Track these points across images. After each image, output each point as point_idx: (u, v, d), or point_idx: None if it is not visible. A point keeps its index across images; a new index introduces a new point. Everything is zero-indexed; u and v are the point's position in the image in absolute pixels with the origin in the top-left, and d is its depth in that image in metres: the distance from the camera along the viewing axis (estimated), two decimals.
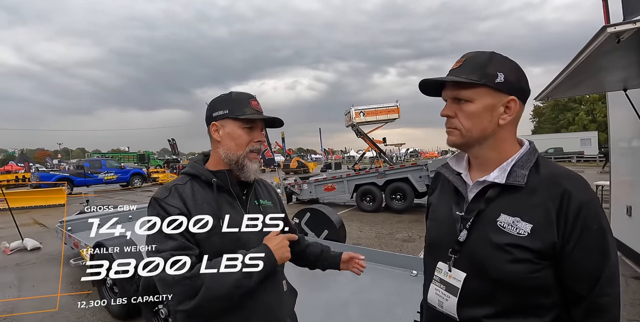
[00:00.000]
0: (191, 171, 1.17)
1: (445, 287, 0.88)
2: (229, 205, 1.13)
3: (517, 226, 0.78)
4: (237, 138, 1.14)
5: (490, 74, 0.81)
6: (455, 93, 0.85)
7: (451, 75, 0.85)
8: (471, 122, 0.84)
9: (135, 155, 37.71)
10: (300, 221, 4.48)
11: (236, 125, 1.14)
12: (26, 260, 5.54)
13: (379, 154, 14.80)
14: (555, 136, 36.20)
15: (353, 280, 3.16)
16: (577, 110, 41.88)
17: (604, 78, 3.53)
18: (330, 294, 2.77)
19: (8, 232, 7.03)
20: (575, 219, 0.74)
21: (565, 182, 0.78)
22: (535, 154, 0.85)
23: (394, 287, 2.81)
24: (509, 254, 0.77)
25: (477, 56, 0.84)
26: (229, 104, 1.15)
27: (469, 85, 0.82)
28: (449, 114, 0.88)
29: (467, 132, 0.85)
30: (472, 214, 0.85)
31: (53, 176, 16.05)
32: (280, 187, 11.68)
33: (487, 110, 0.82)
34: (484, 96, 0.82)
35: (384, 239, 6.20)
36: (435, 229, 0.98)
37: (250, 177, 1.17)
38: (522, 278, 0.76)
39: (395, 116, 14.17)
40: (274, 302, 1.15)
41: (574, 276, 0.77)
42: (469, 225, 0.85)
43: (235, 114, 1.13)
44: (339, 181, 9.81)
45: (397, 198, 8.74)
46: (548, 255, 0.76)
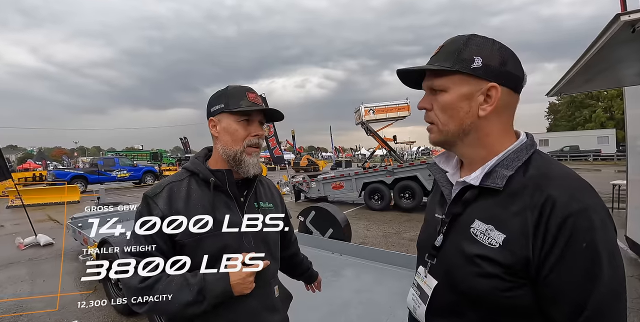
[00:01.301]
0: (190, 167, 1.13)
1: (420, 293, 0.82)
2: (226, 206, 1.08)
3: (490, 235, 0.68)
4: (234, 132, 1.09)
5: (465, 59, 0.71)
6: (430, 83, 0.77)
7: (429, 64, 0.77)
8: (446, 115, 0.75)
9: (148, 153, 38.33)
10: (305, 219, 4.46)
11: (232, 119, 1.09)
12: (39, 255, 5.68)
13: (389, 152, 14.67)
14: (571, 134, 35.36)
15: (356, 279, 3.13)
16: (594, 107, 40.84)
17: (621, 72, 3.37)
18: (332, 293, 2.74)
19: (23, 228, 7.23)
20: (558, 233, 0.61)
21: (552, 185, 0.65)
22: (528, 150, 0.73)
23: (398, 288, 2.77)
24: (478, 267, 0.68)
25: (454, 41, 0.75)
26: (225, 97, 1.10)
27: (443, 73, 0.73)
28: (425, 106, 0.79)
29: (444, 127, 0.76)
30: (449, 218, 0.78)
31: (68, 174, 16.40)
32: (289, 185, 11.70)
33: (463, 99, 0.72)
34: (459, 84, 0.72)
35: (391, 239, 6.13)
36: (423, 231, 0.92)
37: (249, 172, 1.11)
38: (492, 295, 0.66)
39: (406, 114, 14.02)
40: (264, 308, 1.11)
41: (553, 302, 0.63)
42: (445, 229, 0.78)
43: (230, 108, 1.08)
44: (347, 179, 9.76)
45: (406, 197, 8.66)
46: (520, 271, 0.64)
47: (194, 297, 0.93)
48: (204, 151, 1.21)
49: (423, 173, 8.40)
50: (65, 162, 30.90)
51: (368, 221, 7.71)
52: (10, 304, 3.70)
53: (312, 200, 10.49)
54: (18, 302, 3.72)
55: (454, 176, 0.84)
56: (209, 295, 0.95)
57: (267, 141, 11.13)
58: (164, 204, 1.02)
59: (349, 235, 4.38)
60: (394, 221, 7.60)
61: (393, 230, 6.79)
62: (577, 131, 37.59)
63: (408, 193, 8.62)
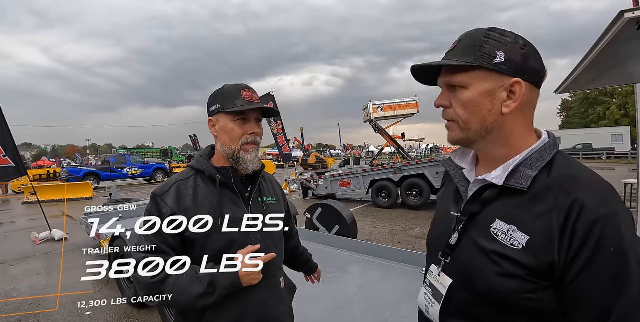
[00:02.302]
0: (196, 165, 1.16)
1: (433, 292, 0.80)
2: (232, 202, 1.12)
3: (512, 236, 0.66)
4: (230, 132, 1.12)
5: (487, 54, 0.68)
6: (448, 79, 0.73)
7: (446, 59, 0.73)
8: (468, 112, 0.72)
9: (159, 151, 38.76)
10: (311, 216, 4.49)
11: (228, 118, 1.12)
12: (54, 249, 5.84)
13: (397, 149, 14.62)
14: (584, 132, 34.68)
15: (361, 276, 3.16)
16: (608, 104, 39.94)
17: (631, 68, 3.30)
18: (337, 288, 2.77)
19: (38, 224, 7.44)
20: (585, 237, 0.59)
21: (580, 188, 0.63)
22: (552, 150, 0.71)
23: (402, 284, 2.78)
24: (498, 266, 0.66)
25: (472, 34, 0.72)
26: (221, 97, 1.13)
27: (463, 68, 0.70)
28: (443, 104, 0.76)
29: (465, 125, 0.73)
30: (466, 216, 0.76)
31: (81, 171, 16.74)
32: (297, 183, 11.75)
33: (486, 96, 0.70)
34: (481, 80, 0.70)
35: (398, 236, 6.14)
36: (434, 228, 0.90)
37: (248, 168, 1.14)
38: (512, 296, 0.64)
39: (414, 111, 13.95)
40: (270, 299, 1.15)
41: (578, 307, 0.62)
42: (461, 228, 0.76)
43: (225, 108, 1.11)
44: (354, 176, 9.76)
45: (413, 194, 8.64)
46: (544, 274, 0.62)
47: (205, 289, 0.98)
48: (207, 149, 1.25)
49: (431, 171, 8.37)
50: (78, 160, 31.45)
51: (375, 219, 7.72)
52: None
53: (320, 197, 10.51)
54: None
55: (470, 173, 0.82)
56: (219, 286, 0.99)
57: (276, 139, 11.19)
58: (172, 202, 1.05)
59: (355, 232, 4.40)
60: (401, 219, 7.60)
61: (400, 227, 6.80)
62: (591, 129, 36.81)
63: (415, 191, 8.60)
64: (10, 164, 3.78)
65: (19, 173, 3.90)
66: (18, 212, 10.24)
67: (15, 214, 9.93)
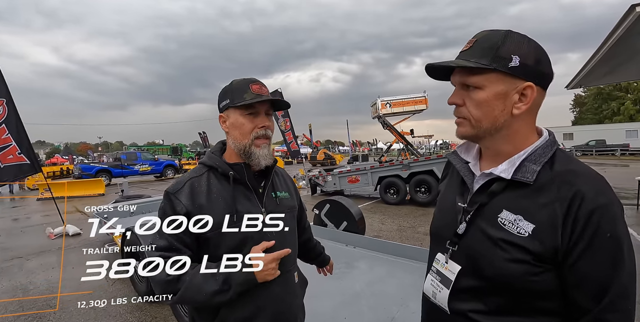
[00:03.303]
0: (208, 162, 1.16)
1: (440, 278, 0.86)
2: (246, 198, 1.12)
3: (518, 225, 0.72)
4: (241, 126, 1.11)
5: (503, 57, 0.72)
6: (463, 79, 0.77)
7: (460, 58, 0.77)
8: (481, 112, 0.76)
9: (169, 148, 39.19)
10: (320, 212, 4.52)
11: (237, 113, 1.11)
12: (68, 244, 5.98)
13: (406, 146, 14.52)
14: (597, 127, 33.93)
15: (368, 271, 3.18)
16: (622, 99, 39.03)
17: None
18: (345, 283, 2.79)
19: (52, 219, 7.63)
20: (586, 224, 0.67)
21: (580, 181, 0.70)
22: (553, 147, 0.77)
23: (410, 280, 2.79)
24: (506, 253, 0.72)
25: (489, 36, 0.75)
26: (230, 93, 1.12)
27: (479, 70, 0.74)
28: (457, 102, 0.80)
29: (477, 123, 0.77)
30: (474, 207, 0.81)
31: (93, 168, 17.02)
32: (305, 179, 11.78)
33: (499, 98, 0.74)
34: (495, 83, 0.74)
35: (406, 232, 6.13)
36: (439, 218, 0.95)
37: (260, 163, 1.13)
38: (518, 279, 0.71)
39: (423, 107, 13.80)
40: (286, 294, 1.16)
41: (577, 287, 0.69)
42: (469, 218, 0.81)
43: (234, 102, 1.09)
44: (362, 173, 9.74)
45: (422, 191, 8.59)
46: (548, 259, 0.70)
47: (220, 286, 0.97)
48: (218, 145, 1.24)
49: (439, 167, 8.29)
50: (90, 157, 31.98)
51: (383, 215, 7.71)
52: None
53: (328, 193, 10.53)
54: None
55: (475, 167, 0.87)
56: (234, 283, 0.98)
57: (284, 135, 11.21)
58: (186, 199, 1.05)
59: (363, 228, 4.41)
60: (409, 215, 7.59)
61: (408, 224, 6.79)
62: (604, 124, 36.06)
63: (424, 187, 8.55)
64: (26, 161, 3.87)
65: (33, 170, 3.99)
66: (33, 208, 10.47)
67: (30, 210, 10.16)
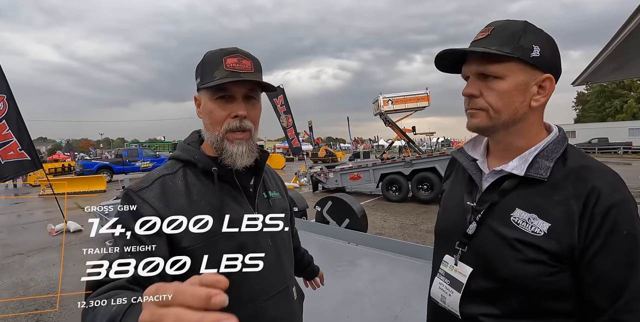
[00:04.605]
0: (184, 155, 0.90)
1: (450, 281, 0.81)
2: (234, 200, 0.90)
3: (533, 224, 0.69)
4: (209, 114, 0.87)
5: (525, 47, 0.69)
6: (482, 68, 0.73)
7: (478, 47, 0.73)
8: (502, 103, 0.73)
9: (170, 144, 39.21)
10: (322, 209, 4.50)
11: (207, 96, 0.87)
12: (69, 241, 5.99)
13: (407, 143, 14.49)
14: (600, 125, 33.81)
15: (371, 269, 3.15)
16: (626, 97, 38.78)
17: None
18: (348, 281, 2.77)
19: (54, 216, 7.63)
20: (602, 221, 0.64)
21: (595, 177, 0.68)
22: (564, 143, 0.75)
23: (413, 279, 2.77)
24: (521, 253, 0.69)
25: (509, 25, 0.72)
26: (201, 68, 0.88)
27: (500, 58, 0.70)
28: (474, 93, 0.75)
29: (496, 114, 0.74)
30: (484, 206, 0.77)
31: (95, 164, 17.03)
32: (307, 176, 11.77)
33: (520, 89, 0.71)
34: (517, 72, 0.71)
35: (408, 230, 6.11)
36: (445, 219, 0.91)
37: (235, 163, 0.88)
38: (533, 280, 0.68)
39: (425, 104, 13.76)
40: (285, 317, 0.99)
41: (593, 286, 0.66)
42: (479, 217, 0.77)
43: (205, 81, 0.85)
44: (364, 170, 9.73)
45: (424, 188, 8.58)
46: (565, 258, 0.67)
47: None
48: (194, 135, 0.99)
49: (442, 164, 8.26)
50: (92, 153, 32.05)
51: (385, 212, 7.70)
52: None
53: (330, 190, 10.52)
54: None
55: (483, 164, 0.84)
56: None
57: (286, 132, 11.19)
58: (157, 200, 0.81)
59: (365, 225, 4.39)
60: (411, 213, 7.57)
61: (410, 221, 6.77)
62: (607, 122, 35.92)
63: (426, 185, 8.53)
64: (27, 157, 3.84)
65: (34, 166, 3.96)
66: (34, 205, 10.49)
67: (32, 207, 10.17)
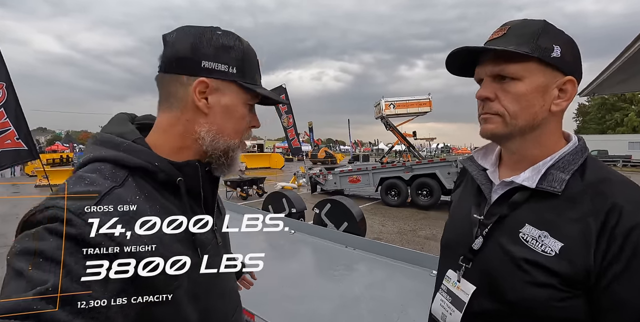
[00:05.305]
0: (133, 160, 0.62)
1: (452, 299, 0.75)
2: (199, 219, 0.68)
3: (544, 242, 0.62)
4: (239, 118, 0.72)
5: (545, 47, 0.64)
6: (499, 69, 0.67)
7: (497, 45, 0.67)
8: (519, 106, 0.66)
9: None
10: (320, 211, 4.45)
11: (241, 97, 0.71)
12: None
13: (408, 147, 14.47)
14: (600, 138, 33.90)
15: (368, 274, 3.11)
16: (626, 110, 38.95)
17: None
18: (344, 286, 2.72)
19: None
20: (624, 243, 0.57)
21: (617, 193, 0.61)
22: (583, 153, 0.68)
23: (411, 286, 2.72)
24: (529, 275, 0.62)
25: (527, 24, 0.67)
26: (240, 58, 0.70)
27: (518, 58, 0.65)
28: (489, 96, 0.69)
29: (513, 120, 0.67)
30: (491, 219, 0.71)
31: None
32: (306, 177, 11.72)
33: (539, 92, 0.65)
34: (536, 74, 0.65)
35: (406, 236, 6.07)
36: (451, 231, 0.85)
37: (235, 171, 0.78)
38: (543, 306, 0.61)
39: (427, 109, 13.77)
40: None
41: (612, 313, 0.59)
42: (486, 232, 0.71)
43: (246, 80, 0.71)
44: (364, 173, 9.70)
45: (424, 194, 8.54)
46: (579, 282, 0.60)
47: None
48: (128, 126, 0.70)
49: (442, 171, 8.25)
50: None
51: (383, 217, 7.65)
52: None
53: (328, 192, 10.48)
54: None
55: (493, 174, 0.77)
56: None
57: (286, 132, 11.16)
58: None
59: (363, 229, 4.34)
60: (409, 218, 7.52)
61: (408, 227, 6.72)
62: (607, 135, 36.07)
63: (426, 190, 8.50)
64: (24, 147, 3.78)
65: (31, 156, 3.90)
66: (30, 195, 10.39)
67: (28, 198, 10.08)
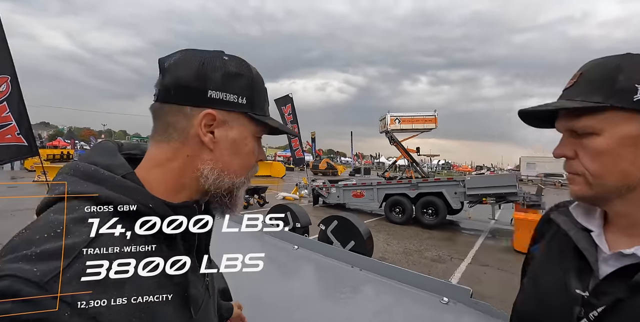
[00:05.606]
0: (121, 198, 0.51)
1: None
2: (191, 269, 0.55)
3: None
4: (247, 153, 0.62)
5: (623, 90, 0.53)
6: (570, 124, 0.58)
7: (564, 98, 0.59)
8: (600, 165, 0.56)
9: None
10: (326, 228, 4.28)
11: (250, 130, 0.62)
12: None
13: (411, 163, 14.33)
14: None
15: (375, 299, 2.92)
16: None
17: None
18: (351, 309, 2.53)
19: None
20: None
21: None
22: None
23: (421, 314, 2.54)
24: None
25: (600, 65, 0.57)
26: (249, 87, 0.60)
27: (590, 109, 0.55)
28: (566, 154, 0.60)
29: (596, 180, 0.57)
30: (603, 301, 0.56)
31: None
32: (308, 188, 11.57)
33: (627, 144, 0.54)
34: (619, 124, 0.54)
35: (412, 257, 5.87)
36: (534, 302, 0.68)
37: (238, 212, 0.65)
38: None
39: (432, 126, 13.67)
40: None
41: None
42: (595, 316, 0.55)
43: (256, 111, 0.61)
44: (368, 188, 9.55)
45: (429, 213, 8.37)
46: None
47: None
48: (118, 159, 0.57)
49: (449, 190, 8.11)
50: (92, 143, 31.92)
51: (388, 235, 7.47)
52: None
53: (330, 206, 10.31)
54: None
55: (600, 238, 0.62)
56: None
57: (290, 141, 11.07)
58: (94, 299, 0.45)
59: (370, 249, 4.17)
60: (414, 237, 7.33)
61: (414, 247, 6.53)
62: None
63: (431, 209, 8.33)
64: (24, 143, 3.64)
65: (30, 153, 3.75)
66: (28, 191, 10.25)
67: (25, 193, 9.92)
